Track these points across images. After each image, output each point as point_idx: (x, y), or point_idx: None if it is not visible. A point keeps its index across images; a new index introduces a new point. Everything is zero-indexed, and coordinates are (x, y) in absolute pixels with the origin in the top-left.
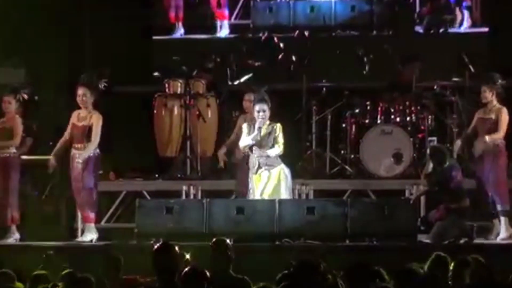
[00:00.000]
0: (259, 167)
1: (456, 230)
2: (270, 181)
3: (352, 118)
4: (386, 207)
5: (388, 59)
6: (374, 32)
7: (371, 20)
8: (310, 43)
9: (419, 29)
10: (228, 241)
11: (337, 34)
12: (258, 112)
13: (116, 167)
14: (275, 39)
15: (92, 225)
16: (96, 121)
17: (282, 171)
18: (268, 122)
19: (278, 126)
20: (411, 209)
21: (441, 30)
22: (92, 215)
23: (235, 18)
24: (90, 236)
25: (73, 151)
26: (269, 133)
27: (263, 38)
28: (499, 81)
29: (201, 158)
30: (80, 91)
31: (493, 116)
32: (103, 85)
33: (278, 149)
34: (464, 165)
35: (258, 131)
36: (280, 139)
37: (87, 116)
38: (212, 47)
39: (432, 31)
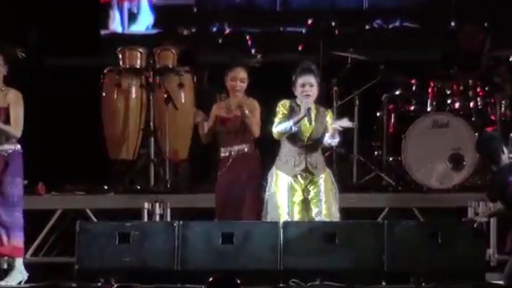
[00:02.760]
0: (306, 169)
1: None
2: (322, 191)
3: (390, 103)
4: (440, 233)
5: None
6: (453, 24)
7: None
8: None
9: None
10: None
11: (375, 27)
12: (303, 86)
13: (47, 175)
14: (248, 39)
15: (21, 260)
16: (16, 100)
17: (330, 176)
18: (314, 103)
19: (330, 113)
20: (476, 236)
21: None
22: (21, 244)
23: None
24: (19, 276)
25: None
26: (320, 120)
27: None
28: None
29: (171, 162)
30: None
31: None
32: (20, 54)
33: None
34: None
35: (307, 113)
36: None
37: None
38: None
39: None
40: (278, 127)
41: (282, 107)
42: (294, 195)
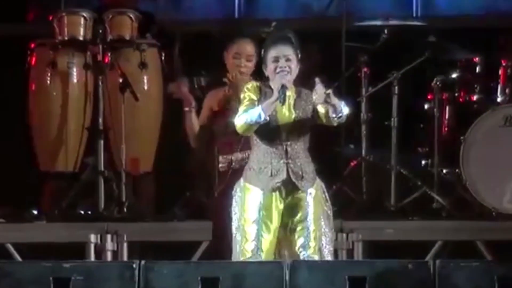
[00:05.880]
0: (288, 180)
1: None
2: (311, 214)
3: (444, 91)
4: None
5: None
6: None
7: None
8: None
9: None
10: None
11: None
12: (276, 60)
13: None
14: None
15: None
16: None
17: (321, 191)
18: (293, 85)
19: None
20: None
21: None
22: None
23: None
24: None
25: None
26: (302, 107)
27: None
28: None
29: (129, 176)
30: None
31: None
32: None
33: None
34: None
35: (281, 92)
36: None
37: None
38: None
39: None
40: (242, 117)
41: (249, 90)
42: (268, 220)
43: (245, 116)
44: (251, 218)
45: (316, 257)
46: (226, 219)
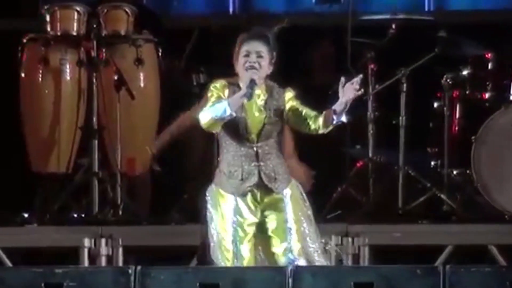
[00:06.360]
0: (260, 183)
1: None
2: (290, 215)
3: (455, 89)
4: None
5: None
6: None
7: None
8: None
9: None
10: None
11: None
12: (247, 55)
13: None
14: None
15: None
16: None
17: (297, 190)
18: (264, 83)
19: (289, 92)
20: None
21: None
22: None
23: None
24: None
25: None
26: (273, 105)
27: None
28: None
29: (125, 178)
30: None
31: None
32: None
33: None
34: None
35: (249, 86)
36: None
37: None
38: None
39: None
40: (207, 112)
41: (216, 89)
42: (246, 226)
43: (210, 111)
44: (228, 226)
45: (302, 259)
46: None
